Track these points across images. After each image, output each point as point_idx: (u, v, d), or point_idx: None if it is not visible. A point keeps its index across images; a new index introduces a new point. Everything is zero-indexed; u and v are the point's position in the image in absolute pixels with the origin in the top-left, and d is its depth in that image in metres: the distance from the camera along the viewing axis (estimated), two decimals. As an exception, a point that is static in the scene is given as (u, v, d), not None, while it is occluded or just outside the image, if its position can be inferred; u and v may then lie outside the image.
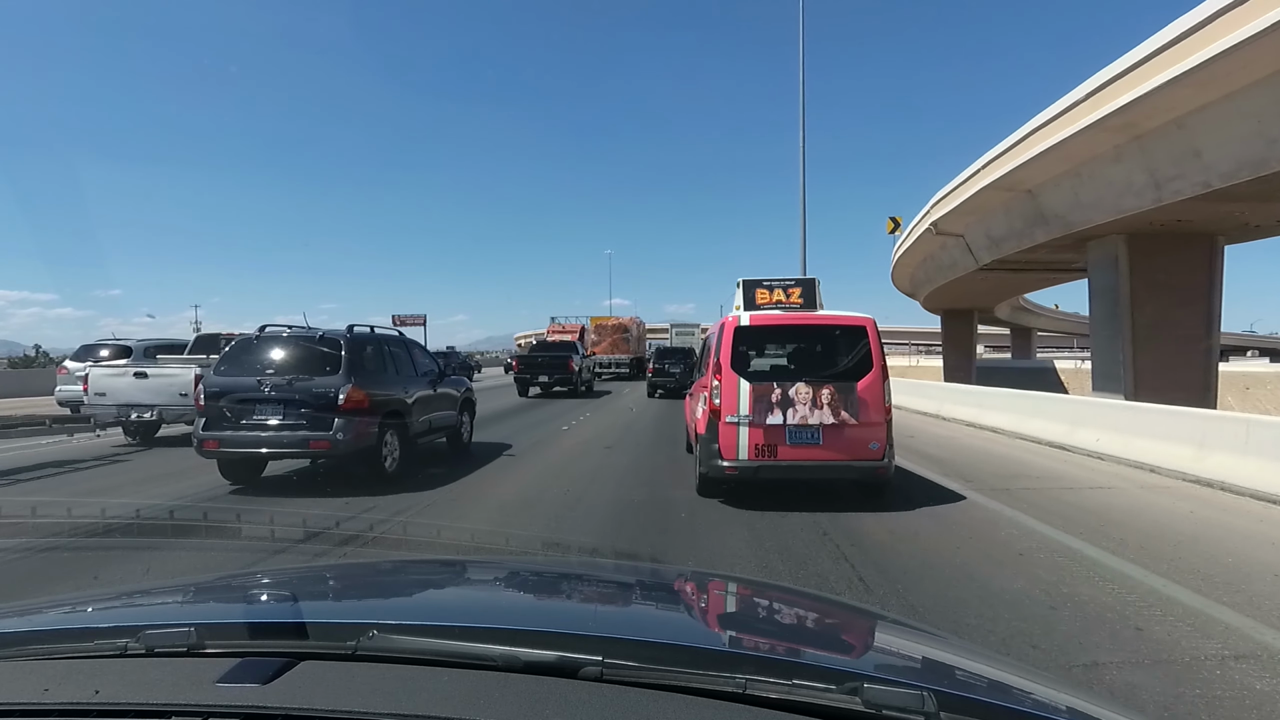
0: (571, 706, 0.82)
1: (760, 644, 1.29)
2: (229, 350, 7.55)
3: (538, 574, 1.90)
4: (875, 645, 1.31)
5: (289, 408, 6.90)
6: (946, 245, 24.99)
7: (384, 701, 0.82)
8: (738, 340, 6.73)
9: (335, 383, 6.95)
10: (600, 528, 5.81)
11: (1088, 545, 5.19)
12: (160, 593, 1.65)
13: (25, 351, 42.02)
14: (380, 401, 7.41)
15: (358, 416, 6.96)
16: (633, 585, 1.79)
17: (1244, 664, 3.20)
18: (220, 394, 7.01)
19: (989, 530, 5.76)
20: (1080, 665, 3.18)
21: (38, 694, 0.87)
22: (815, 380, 6.50)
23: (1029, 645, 3.40)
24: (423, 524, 5.73)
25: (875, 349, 6.61)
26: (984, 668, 1.17)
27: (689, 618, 1.53)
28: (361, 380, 7.14)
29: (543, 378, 21.60)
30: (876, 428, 6.45)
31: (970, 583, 4.40)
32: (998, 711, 0.91)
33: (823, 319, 7.09)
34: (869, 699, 0.83)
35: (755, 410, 6.47)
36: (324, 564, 2.87)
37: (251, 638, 1.05)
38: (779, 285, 7.89)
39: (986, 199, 19.00)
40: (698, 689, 0.86)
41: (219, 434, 6.94)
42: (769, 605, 1.65)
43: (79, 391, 11.16)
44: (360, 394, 7.01)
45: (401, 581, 1.71)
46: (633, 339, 35.77)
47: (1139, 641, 3.48)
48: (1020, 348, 61.66)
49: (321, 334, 7.45)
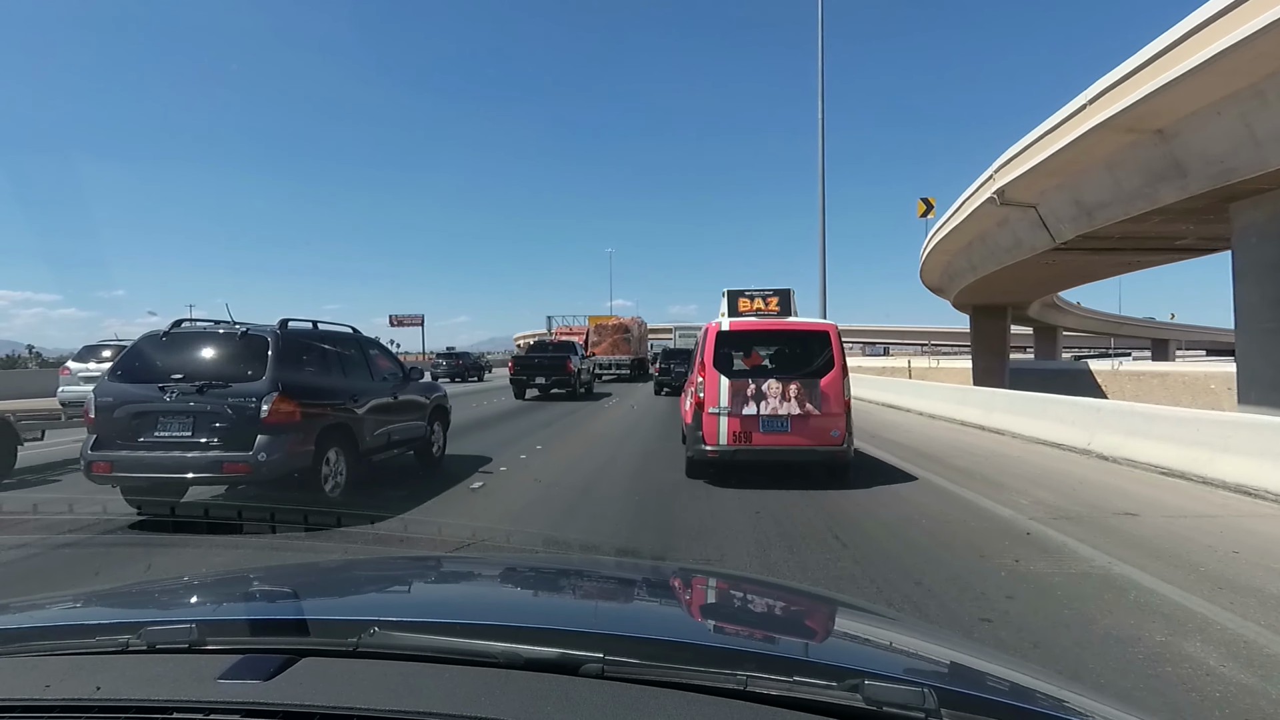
0: (573, 703, 0.82)
1: (761, 641, 1.29)
2: (129, 351, 6.15)
3: (539, 571, 1.90)
4: (876, 642, 1.31)
5: (200, 422, 5.62)
6: (1009, 221, 20.47)
7: (385, 698, 0.82)
8: (719, 343, 7.79)
9: (258, 390, 5.67)
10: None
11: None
12: (161, 589, 1.66)
13: (19, 352, 41.34)
14: (317, 413, 6.12)
15: (288, 432, 5.75)
16: (634, 582, 1.79)
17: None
18: (115, 405, 5.71)
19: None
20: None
21: (39, 690, 0.87)
22: (784, 377, 7.56)
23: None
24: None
25: (836, 351, 7.67)
26: (985, 665, 1.17)
27: (690, 615, 1.53)
28: (293, 387, 5.89)
29: (540, 379, 20.92)
30: (837, 417, 7.50)
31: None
32: (999, 708, 0.91)
33: (792, 325, 8.29)
34: (870, 696, 0.83)
35: (733, 402, 7.52)
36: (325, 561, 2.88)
37: (253, 634, 1.05)
38: (759, 295, 9.11)
39: (1088, 149, 14.25)
40: (699, 686, 0.86)
41: (112, 455, 5.62)
42: (770, 602, 1.65)
43: (82, 391, 11.18)
44: (290, 404, 5.77)
45: (403, 578, 1.71)
46: (634, 339, 34.98)
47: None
48: (1044, 348, 56.83)
49: (245, 330, 6.07)
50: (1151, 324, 76.31)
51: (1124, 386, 33.13)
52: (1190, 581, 4.32)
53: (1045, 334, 56.45)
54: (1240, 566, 4.67)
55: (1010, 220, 20.23)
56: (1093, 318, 62.57)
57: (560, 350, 22.54)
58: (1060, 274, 27.87)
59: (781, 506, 6.43)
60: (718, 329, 7.90)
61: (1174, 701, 2.81)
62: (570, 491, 7.26)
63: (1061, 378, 34.17)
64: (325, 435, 6.19)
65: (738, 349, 7.93)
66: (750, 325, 8.19)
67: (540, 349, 24.07)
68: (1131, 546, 5.10)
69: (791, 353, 7.87)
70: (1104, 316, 66.05)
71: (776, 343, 8.08)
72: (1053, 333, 56.64)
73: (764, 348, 8.06)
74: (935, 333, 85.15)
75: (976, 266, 25.94)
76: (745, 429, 7.48)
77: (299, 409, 5.87)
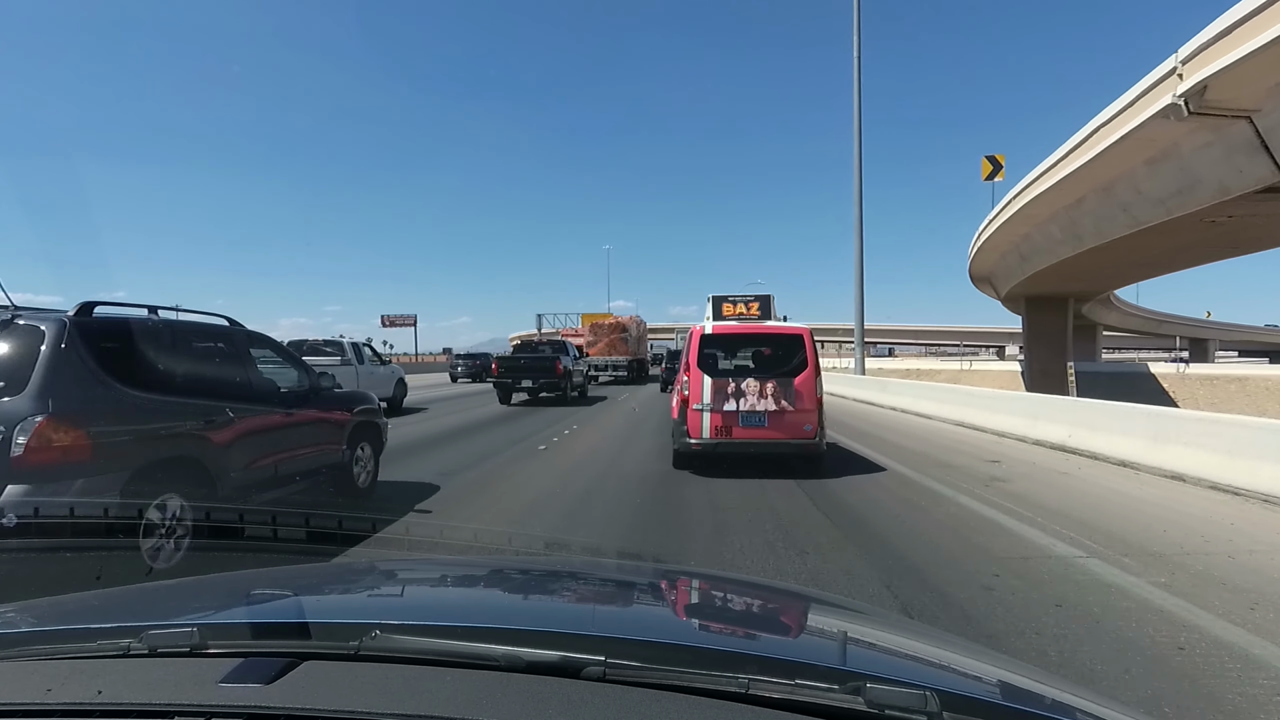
0: (574, 706, 0.82)
1: (763, 644, 1.29)
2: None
3: (540, 574, 1.90)
4: (878, 645, 1.31)
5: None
6: (1177, 152, 14.08)
7: (387, 701, 0.82)
8: (703, 345, 8.44)
9: (13, 412, 3.81)
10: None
11: None
12: (163, 593, 1.65)
13: None
14: (127, 443, 4.29)
15: (66, 477, 3.92)
16: (635, 585, 1.79)
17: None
18: None
19: None
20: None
21: (40, 694, 0.87)
22: (762, 376, 8.17)
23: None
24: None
25: (810, 352, 8.27)
26: (987, 668, 1.17)
27: (691, 617, 1.53)
28: (83, 405, 4.07)
29: (527, 382, 19.10)
30: (810, 413, 8.09)
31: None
32: (1001, 711, 0.91)
33: (769, 329, 8.92)
34: (872, 699, 0.83)
35: (715, 399, 8.13)
36: (326, 564, 2.87)
37: (254, 638, 1.05)
38: (741, 300, 10.04)
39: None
40: (700, 689, 0.86)
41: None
42: (772, 605, 1.65)
43: None
44: (68, 432, 3.93)
45: (404, 581, 1.71)
46: (632, 339, 33.87)
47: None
48: (1083, 348, 45.49)
49: (12, 315, 4.20)
50: (1195, 322, 68.87)
51: (1195, 392, 29.30)
52: None
53: (1084, 333, 47.40)
54: None
55: (1181, 150, 13.94)
56: (1137, 315, 57.25)
57: (550, 350, 20.94)
58: (1208, 241, 19.11)
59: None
60: (701, 332, 8.54)
61: None
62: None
63: (1120, 382, 28.76)
64: (148, 475, 4.28)
65: (720, 350, 8.54)
66: (731, 329, 8.89)
67: (527, 349, 22.46)
68: None
69: (769, 354, 8.46)
70: (1148, 314, 60.15)
71: (755, 344, 8.71)
72: (1093, 331, 49.43)
73: (744, 349, 8.72)
74: (940, 332, 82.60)
75: (1081, 236, 19.80)
76: (726, 424, 8.11)
77: (89, 440, 4.03)
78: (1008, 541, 5.38)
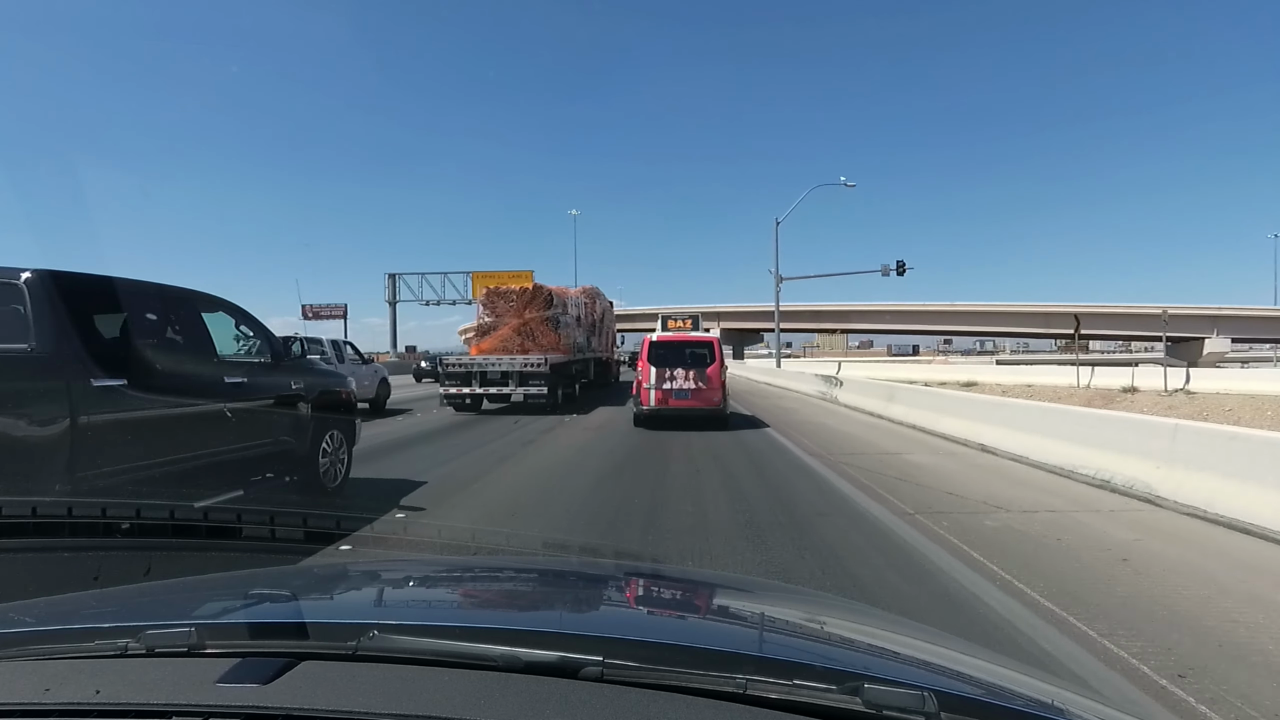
0: (572, 707, 0.82)
1: (761, 644, 1.29)
2: None
3: (538, 574, 1.90)
4: (876, 645, 1.31)
5: None
6: None
7: (384, 702, 0.82)
8: (652, 348, 13.19)
9: None
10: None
11: None
12: (161, 593, 1.65)
13: None
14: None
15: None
16: (633, 585, 1.79)
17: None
18: None
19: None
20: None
21: (38, 694, 0.87)
22: (687, 367, 12.79)
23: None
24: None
25: (718, 351, 13.18)
26: (985, 667, 1.17)
27: (689, 617, 1.53)
28: None
29: None
30: (717, 390, 12.76)
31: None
32: (998, 712, 0.91)
33: (693, 337, 14.67)
34: (869, 699, 0.83)
35: (658, 381, 12.69)
36: (324, 564, 2.88)
37: (252, 638, 1.05)
38: (680, 317, 18.01)
39: None
40: (698, 689, 0.86)
41: None
42: (769, 605, 1.65)
43: None
44: None
45: (402, 581, 1.71)
46: (574, 324, 19.08)
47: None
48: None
49: None
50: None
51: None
52: None
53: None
54: None
55: None
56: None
57: None
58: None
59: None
60: (650, 340, 13.59)
61: None
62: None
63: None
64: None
65: (662, 350, 13.16)
66: (669, 337, 14.30)
67: None
68: None
69: (691, 353, 13.06)
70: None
71: (684, 347, 13.37)
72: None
73: (677, 350, 13.18)
74: (955, 312, 63.45)
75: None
76: (664, 397, 12.65)
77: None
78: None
